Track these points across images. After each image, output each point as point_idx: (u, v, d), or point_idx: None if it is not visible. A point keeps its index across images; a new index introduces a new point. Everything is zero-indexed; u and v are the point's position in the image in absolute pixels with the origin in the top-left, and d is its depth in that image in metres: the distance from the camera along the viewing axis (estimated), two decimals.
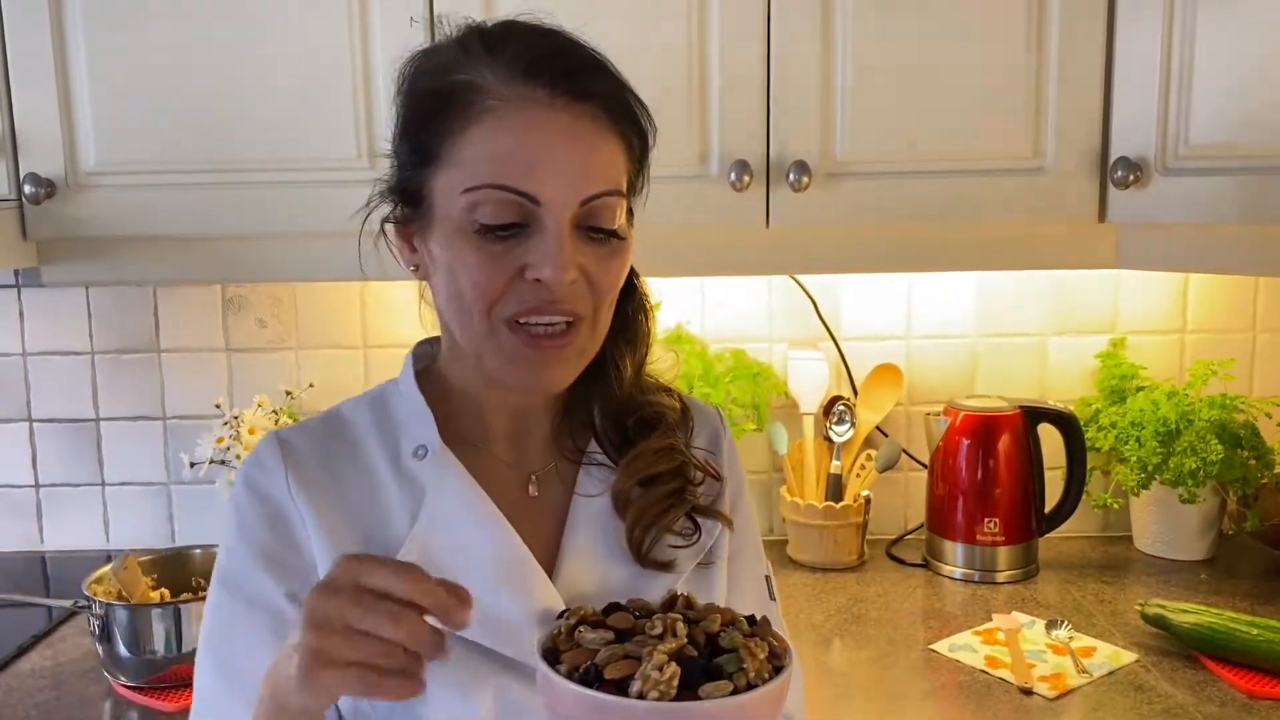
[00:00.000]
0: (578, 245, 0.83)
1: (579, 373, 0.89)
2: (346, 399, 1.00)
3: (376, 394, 0.99)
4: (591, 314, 0.86)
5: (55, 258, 1.54)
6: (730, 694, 0.65)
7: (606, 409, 0.96)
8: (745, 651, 0.67)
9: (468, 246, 0.83)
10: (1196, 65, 1.39)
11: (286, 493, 0.90)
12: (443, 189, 0.84)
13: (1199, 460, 1.68)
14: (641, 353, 0.97)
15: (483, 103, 0.82)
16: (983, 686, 1.39)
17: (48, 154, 1.47)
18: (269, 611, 0.88)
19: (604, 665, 0.67)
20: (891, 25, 1.44)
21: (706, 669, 0.67)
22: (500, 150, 0.81)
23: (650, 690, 0.64)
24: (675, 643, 0.68)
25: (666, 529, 0.92)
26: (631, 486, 0.93)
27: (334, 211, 1.47)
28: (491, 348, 0.85)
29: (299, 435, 0.95)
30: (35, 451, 1.92)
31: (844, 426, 1.84)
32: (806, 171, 1.44)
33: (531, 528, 0.92)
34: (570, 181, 0.82)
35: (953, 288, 1.89)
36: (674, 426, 0.97)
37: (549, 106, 0.82)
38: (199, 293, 1.88)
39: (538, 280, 0.82)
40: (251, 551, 0.90)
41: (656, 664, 0.65)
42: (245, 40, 1.45)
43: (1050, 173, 1.47)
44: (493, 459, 0.95)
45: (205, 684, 0.90)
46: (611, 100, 0.85)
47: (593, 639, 0.70)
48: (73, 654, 1.53)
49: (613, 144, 0.85)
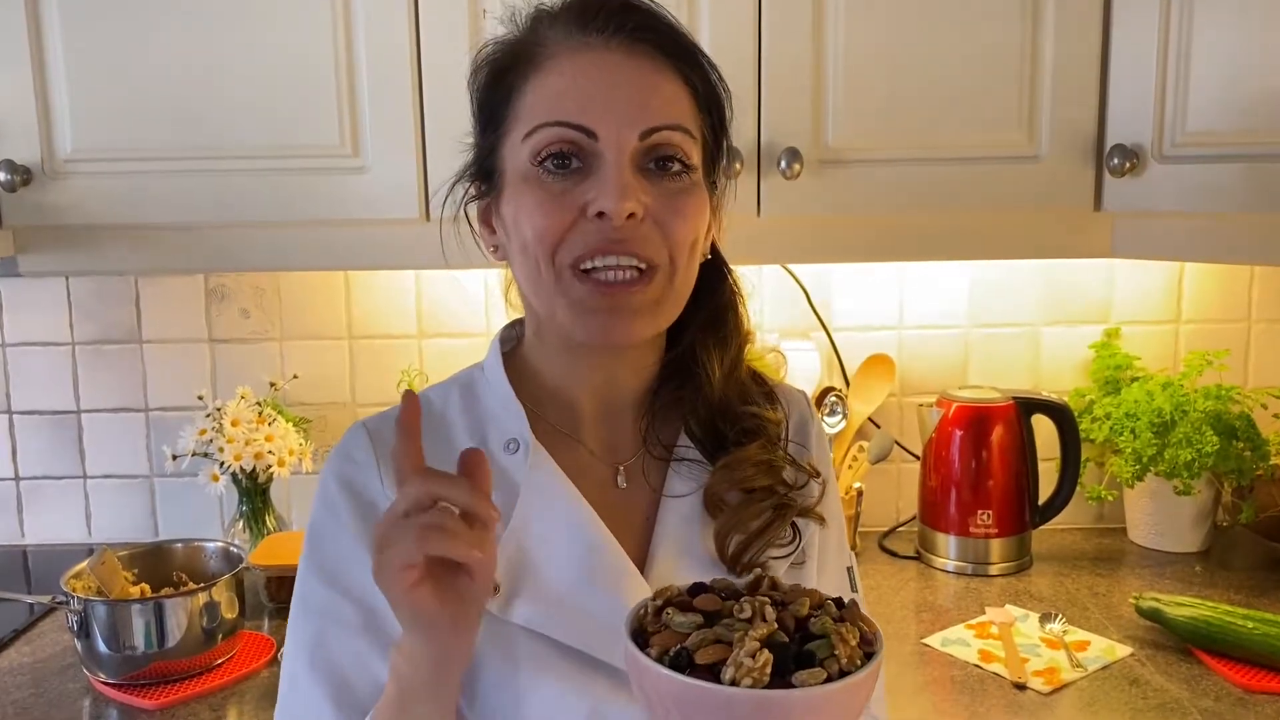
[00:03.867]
0: (641, 183, 0.82)
1: (654, 330, 0.87)
2: (433, 384, 0.98)
3: (464, 380, 0.96)
4: (668, 263, 0.83)
5: (33, 247, 1.51)
6: (824, 681, 0.64)
7: (697, 410, 0.93)
8: (837, 637, 0.66)
9: (529, 190, 0.83)
10: (1194, 51, 1.37)
11: (379, 483, 0.89)
12: (509, 147, 0.85)
13: (1194, 452, 1.66)
14: (734, 352, 0.94)
15: (541, 55, 0.84)
16: (976, 681, 1.37)
17: (23, 140, 1.44)
18: (365, 605, 0.87)
19: (695, 650, 0.66)
20: (884, 10, 1.42)
21: (798, 655, 0.66)
22: (556, 90, 0.82)
23: (744, 678, 0.63)
24: (766, 628, 0.66)
25: (769, 544, 0.90)
26: (726, 491, 0.90)
27: (318, 200, 1.46)
28: (562, 300, 0.83)
29: (388, 425, 0.92)
30: (15, 444, 1.90)
31: (836, 418, 1.82)
32: (798, 159, 1.42)
33: (620, 522, 0.90)
34: (627, 114, 0.81)
35: (946, 277, 1.87)
36: (775, 441, 0.94)
37: (604, 48, 0.83)
38: (181, 283, 1.86)
39: (600, 215, 0.81)
40: (350, 545, 0.88)
41: (749, 650, 0.64)
42: (227, 24, 1.42)
43: (1045, 160, 1.45)
44: (581, 450, 0.93)
45: (293, 671, 0.89)
46: (667, 39, 0.84)
47: (682, 622, 0.69)
48: (52, 650, 1.50)
49: (672, 82, 0.84)
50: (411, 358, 1.87)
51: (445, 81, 1.41)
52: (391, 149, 1.44)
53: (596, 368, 0.91)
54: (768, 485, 0.91)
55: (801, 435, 0.99)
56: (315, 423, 1.86)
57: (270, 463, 1.70)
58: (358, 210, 1.45)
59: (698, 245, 0.87)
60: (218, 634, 1.41)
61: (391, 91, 1.43)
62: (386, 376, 1.86)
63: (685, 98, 0.85)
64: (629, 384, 0.93)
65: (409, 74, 1.42)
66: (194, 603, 1.39)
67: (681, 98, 0.85)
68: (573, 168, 0.82)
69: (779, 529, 0.90)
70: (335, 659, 0.87)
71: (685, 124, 0.84)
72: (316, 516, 0.91)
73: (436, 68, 1.42)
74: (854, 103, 1.44)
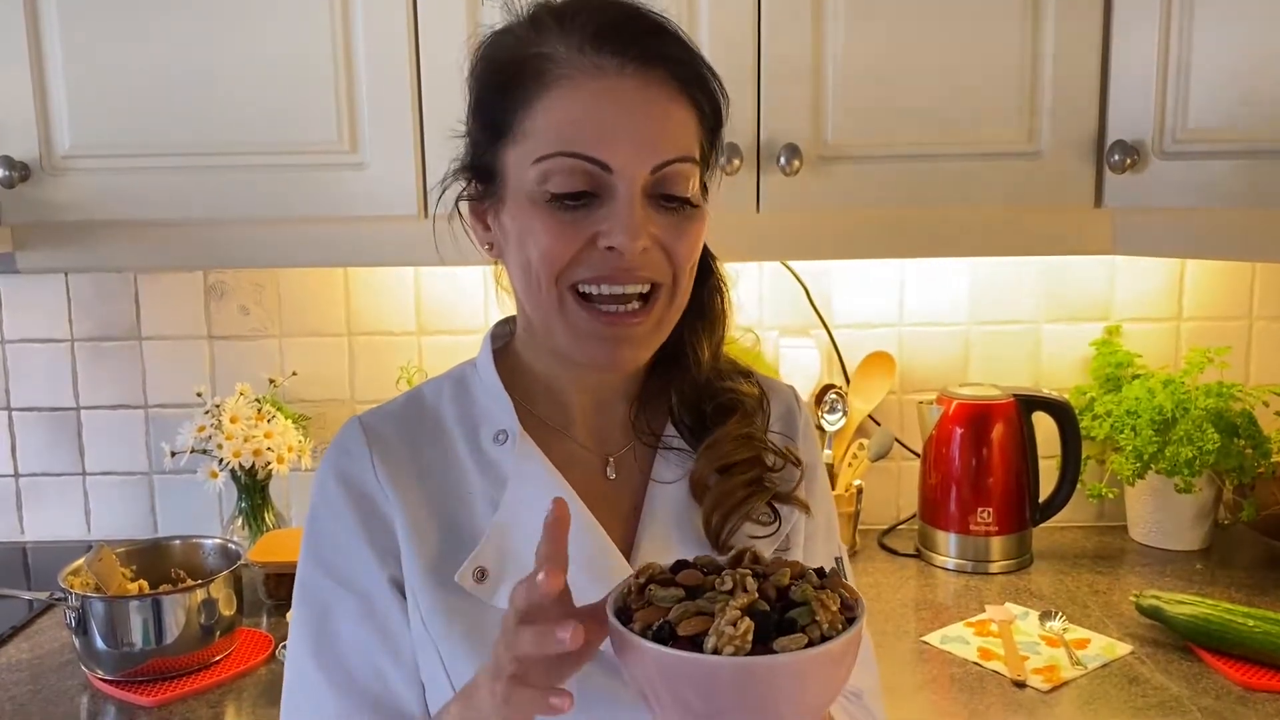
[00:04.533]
0: (649, 214, 0.83)
1: (652, 351, 0.88)
2: (428, 379, 0.99)
3: (456, 375, 0.98)
4: (670, 283, 0.85)
5: (31, 243, 1.51)
6: (805, 646, 0.65)
7: (684, 393, 0.95)
8: (817, 604, 0.67)
9: (538, 216, 0.83)
10: (1195, 47, 1.37)
11: (374, 479, 0.91)
12: (515, 161, 0.84)
13: (1195, 449, 1.66)
14: (719, 335, 0.97)
15: (553, 73, 0.82)
16: (975, 679, 1.37)
17: (22, 136, 1.43)
18: (365, 595, 0.89)
19: (677, 622, 0.67)
20: (884, 6, 1.42)
21: (779, 623, 0.67)
22: (570, 118, 0.81)
23: (725, 646, 0.64)
24: (747, 598, 0.67)
25: (746, 517, 0.92)
26: (710, 473, 0.92)
27: (317, 197, 1.45)
28: (561, 322, 0.84)
29: (382, 420, 0.94)
30: (15, 441, 1.90)
31: (836, 415, 1.82)
32: (797, 155, 1.41)
33: (609, 511, 0.91)
34: (641, 148, 0.81)
35: (946, 274, 1.87)
36: (752, 413, 0.96)
37: (618, 74, 0.82)
38: (180, 279, 1.85)
39: (610, 249, 0.81)
40: (347, 537, 0.90)
41: (730, 619, 0.65)
42: (226, 20, 1.41)
43: (1045, 156, 1.45)
44: (571, 442, 0.94)
45: (300, 668, 0.91)
46: (682, 66, 0.84)
47: (664, 596, 0.70)
48: (50, 646, 1.50)
49: (684, 110, 0.84)
50: (410, 354, 1.87)
51: (444, 78, 1.40)
52: (390, 146, 1.43)
53: (585, 370, 0.91)
54: (746, 459, 0.93)
55: (789, 427, 1.01)
56: (314, 419, 1.86)
57: (269, 459, 1.70)
58: (356, 207, 1.45)
59: (696, 260, 0.88)
60: (215, 631, 1.41)
61: (390, 88, 1.42)
62: (385, 373, 1.85)
63: (693, 123, 0.86)
64: (619, 380, 0.95)
65: (408, 70, 1.42)
66: (192, 599, 1.39)
67: (689, 124, 0.85)
68: (583, 200, 0.82)
69: (756, 503, 0.92)
70: (338, 649, 0.89)
71: (692, 153, 0.85)
72: (315, 511, 0.93)
73: (435, 64, 1.42)
74: (854, 99, 1.43)
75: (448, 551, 0.89)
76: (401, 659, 0.89)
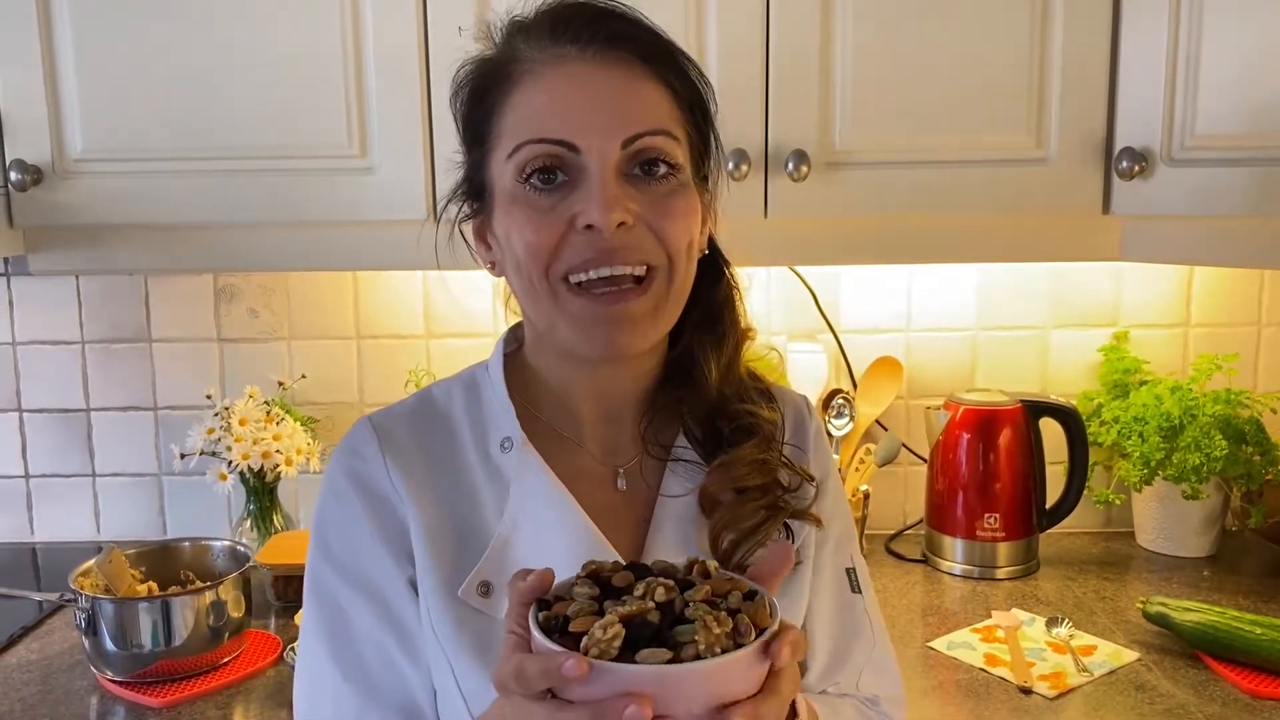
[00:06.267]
0: (628, 190, 0.82)
1: (655, 338, 0.87)
2: (439, 380, 0.99)
3: (468, 378, 0.97)
4: (666, 265, 0.84)
5: (43, 246, 1.52)
6: (666, 662, 0.64)
7: (696, 410, 0.93)
8: (701, 624, 0.66)
9: (517, 210, 0.83)
10: (1203, 54, 1.37)
11: (387, 479, 0.90)
12: (496, 166, 0.86)
13: (1203, 456, 1.66)
14: (730, 350, 0.94)
15: (518, 71, 0.84)
16: (981, 685, 1.37)
17: (34, 140, 1.45)
18: (381, 596, 0.89)
19: (574, 618, 0.67)
20: (892, 12, 1.42)
21: (656, 635, 0.66)
22: (536, 107, 0.83)
23: (591, 648, 0.64)
24: (636, 605, 0.67)
25: (760, 544, 0.89)
26: (721, 491, 0.90)
27: (326, 200, 1.46)
28: (560, 315, 0.84)
29: (393, 421, 0.93)
30: (25, 442, 1.91)
31: (843, 420, 1.82)
32: (805, 161, 1.41)
33: (617, 524, 0.90)
34: (607, 125, 0.81)
35: (953, 280, 1.87)
36: (770, 439, 0.93)
37: (579, 59, 0.83)
38: (190, 282, 1.86)
39: (588, 227, 0.81)
40: (363, 538, 0.89)
41: (605, 623, 0.65)
42: (236, 25, 1.42)
43: (1053, 163, 1.45)
44: (581, 452, 0.93)
45: (316, 671, 0.90)
46: (642, 44, 0.84)
47: (580, 593, 0.70)
48: (60, 647, 1.51)
49: (652, 87, 0.84)
50: (419, 358, 1.87)
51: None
52: (399, 150, 1.44)
53: (596, 374, 0.91)
54: (762, 484, 0.91)
55: (800, 438, 0.99)
56: (323, 422, 1.87)
57: (278, 462, 1.70)
58: (365, 211, 1.46)
59: (694, 244, 0.87)
60: (224, 632, 1.42)
61: (399, 93, 1.43)
62: (394, 376, 1.86)
63: (665, 100, 0.85)
64: (628, 388, 0.93)
65: (417, 75, 1.43)
66: (201, 601, 1.39)
67: (661, 100, 0.85)
68: (558, 182, 0.82)
69: (771, 528, 0.90)
70: (355, 650, 0.88)
71: (667, 126, 0.84)
72: (325, 511, 0.92)
73: (445, 68, 1.41)
74: (861, 105, 1.44)
75: (459, 558, 0.88)
76: (419, 661, 0.88)
